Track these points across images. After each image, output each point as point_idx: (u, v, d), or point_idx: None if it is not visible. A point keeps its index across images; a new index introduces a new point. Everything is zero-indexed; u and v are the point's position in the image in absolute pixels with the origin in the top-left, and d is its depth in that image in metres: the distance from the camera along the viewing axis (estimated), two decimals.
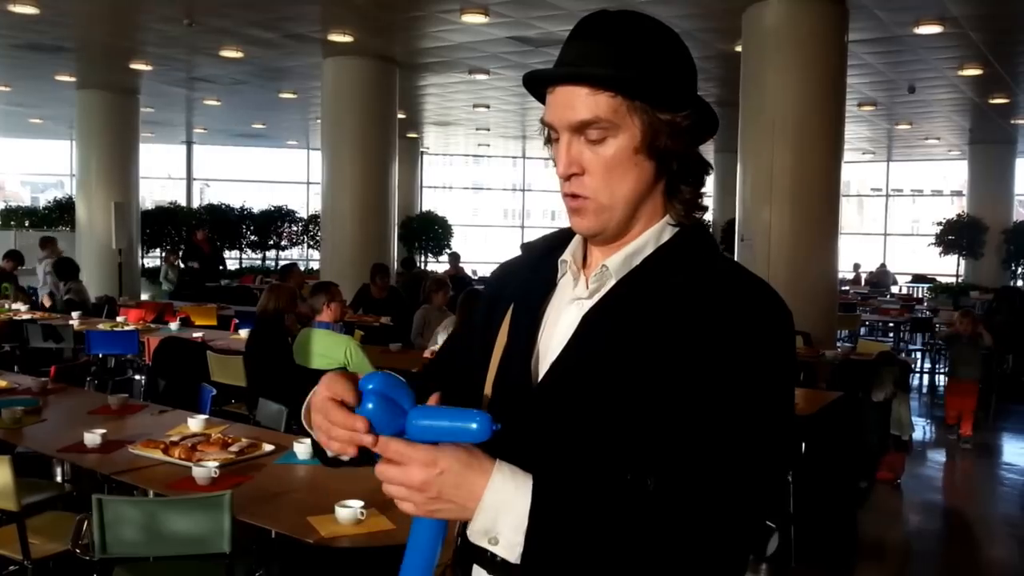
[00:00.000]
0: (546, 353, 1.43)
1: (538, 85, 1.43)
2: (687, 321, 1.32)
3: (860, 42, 10.46)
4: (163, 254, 17.52)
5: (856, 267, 22.04)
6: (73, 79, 14.76)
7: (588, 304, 1.42)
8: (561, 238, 1.55)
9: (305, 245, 22.06)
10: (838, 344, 10.08)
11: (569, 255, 1.48)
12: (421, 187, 24.11)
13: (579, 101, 1.35)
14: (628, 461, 1.30)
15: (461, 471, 1.23)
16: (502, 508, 1.23)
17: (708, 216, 1.50)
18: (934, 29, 9.97)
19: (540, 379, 1.41)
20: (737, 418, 1.29)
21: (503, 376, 1.47)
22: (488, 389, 1.49)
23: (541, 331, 1.46)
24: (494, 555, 1.28)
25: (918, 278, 21.31)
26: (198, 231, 17.24)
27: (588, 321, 1.39)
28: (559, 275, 1.50)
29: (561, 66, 1.39)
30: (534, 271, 1.54)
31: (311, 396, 1.38)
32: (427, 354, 7.33)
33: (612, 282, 1.41)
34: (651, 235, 1.43)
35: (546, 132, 1.44)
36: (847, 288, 18.23)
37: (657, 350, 1.31)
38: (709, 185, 1.55)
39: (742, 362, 1.30)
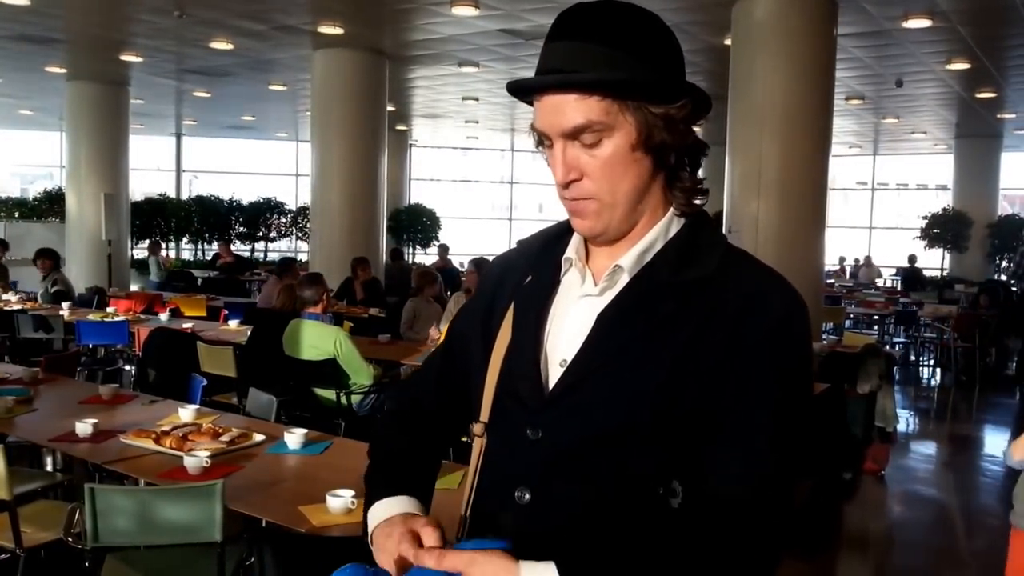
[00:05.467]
0: (554, 354, 1.39)
1: (524, 93, 1.38)
2: (706, 316, 1.30)
3: (849, 36, 10.49)
4: (149, 244, 17.57)
5: (841, 260, 22.15)
6: (63, 70, 14.73)
7: (600, 302, 1.37)
8: (558, 232, 1.50)
9: (294, 237, 22.03)
10: (824, 336, 10.15)
11: (573, 251, 1.44)
12: (410, 179, 24.10)
13: (568, 107, 1.30)
14: (653, 465, 1.29)
15: None
16: None
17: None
18: (923, 23, 10.01)
19: (556, 381, 1.36)
20: (769, 415, 1.29)
21: (508, 378, 1.42)
22: (489, 392, 1.45)
23: (547, 330, 1.41)
24: None
25: (921, 275, 21.39)
26: (220, 249, 18.08)
27: (604, 319, 1.35)
28: (562, 272, 1.45)
29: (544, 71, 1.33)
30: (534, 268, 1.49)
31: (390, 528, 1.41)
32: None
33: (625, 279, 1.37)
34: (660, 230, 1.39)
35: (536, 135, 1.39)
36: (832, 281, 18.32)
37: (677, 346, 1.29)
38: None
39: (766, 357, 1.29)
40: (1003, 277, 18.35)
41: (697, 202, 1.41)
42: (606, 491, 1.30)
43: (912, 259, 19.46)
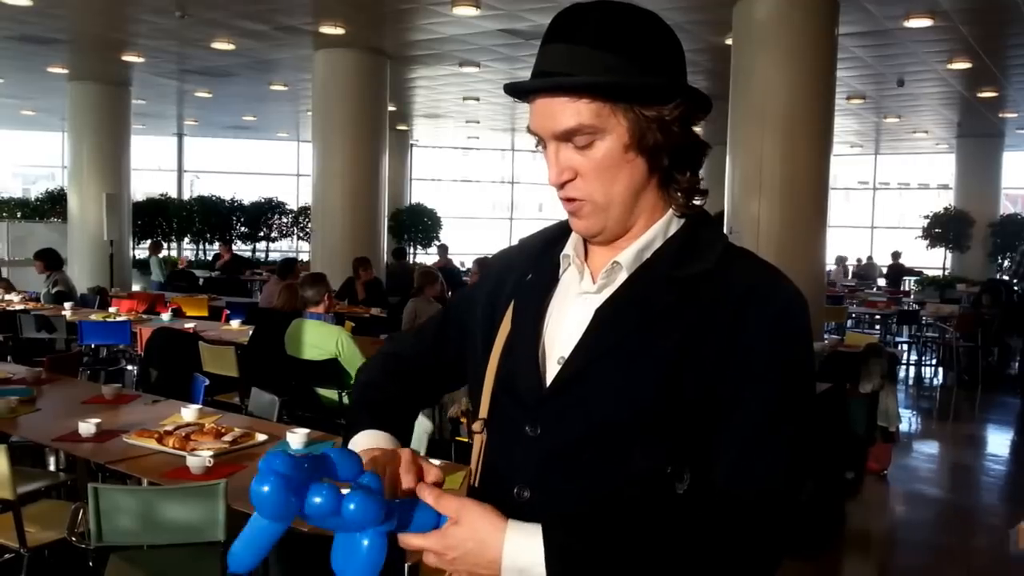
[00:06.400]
0: (552, 349, 1.39)
1: (519, 95, 1.38)
2: (705, 308, 1.30)
3: (850, 35, 10.49)
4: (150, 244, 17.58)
5: (854, 261, 22.16)
6: (65, 71, 14.73)
7: (598, 299, 1.38)
8: (559, 232, 1.50)
9: (295, 237, 22.04)
10: (825, 336, 10.15)
11: (571, 249, 1.44)
12: (411, 179, 24.11)
13: (559, 110, 1.31)
14: (653, 458, 1.28)
15: (471, 553, 1.24)
16: (525, 571, 1.22)
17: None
18: (924, 22, 10.00)
19: (553, 377, 1.36)
20: (771, 405, 1.29)
21: (506, 376, 1.42)
22: (487, 390, 1.45)
23: (545, 327, 1.41)
24: None
25: (905, 270, 21.40)
26: (220, 249, 18.41)
27: (601, 315, 1.35)
28: (561, 270, 1.46)
29: (538, 73, 1.34)
30: (534, 266, 1.50)
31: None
32: None
33: (623, 275, 1.37)
34: (659, 229, 1.39)
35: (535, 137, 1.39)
36: (833, 280, 18.31)
37: (676, 338, 1.29)
38: None
39: (767, 348, 1.29)
40: (1005, 276, 18.35)
41: (696, 202, 1.41)
42: (606, 486, 1.30)
43: (896, 255, 20.06)
